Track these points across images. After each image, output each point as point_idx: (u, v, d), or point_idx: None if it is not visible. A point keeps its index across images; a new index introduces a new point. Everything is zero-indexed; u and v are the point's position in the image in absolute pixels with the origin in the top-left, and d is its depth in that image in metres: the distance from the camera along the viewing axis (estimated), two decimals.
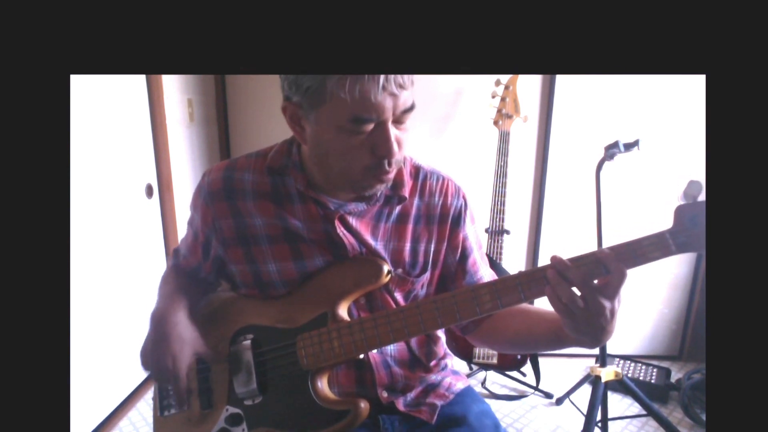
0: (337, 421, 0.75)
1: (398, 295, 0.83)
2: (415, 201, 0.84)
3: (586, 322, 0.65)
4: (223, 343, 0.83)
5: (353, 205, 0.80)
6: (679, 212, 0.65)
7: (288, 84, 0.70)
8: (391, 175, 0.74)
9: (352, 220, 0.80)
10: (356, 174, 0.72)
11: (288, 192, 0.81)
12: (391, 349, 0.85)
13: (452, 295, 0.72)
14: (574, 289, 0.64)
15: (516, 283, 0.69)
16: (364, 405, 0.75)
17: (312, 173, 0.79)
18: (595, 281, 0.65)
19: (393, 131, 0.69)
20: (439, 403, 0.87)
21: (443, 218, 0.85)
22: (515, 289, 0.69)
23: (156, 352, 0.77)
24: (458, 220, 0.86)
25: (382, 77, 0.64)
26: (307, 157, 0.79)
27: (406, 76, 0.67)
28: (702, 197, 0.63)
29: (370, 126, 0.67)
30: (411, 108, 0.70)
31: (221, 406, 0.81)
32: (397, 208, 0.83)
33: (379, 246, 0.81)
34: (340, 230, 0.79)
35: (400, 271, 0.83)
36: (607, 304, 0.63)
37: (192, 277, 0.91)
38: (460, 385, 0.92)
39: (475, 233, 0.89)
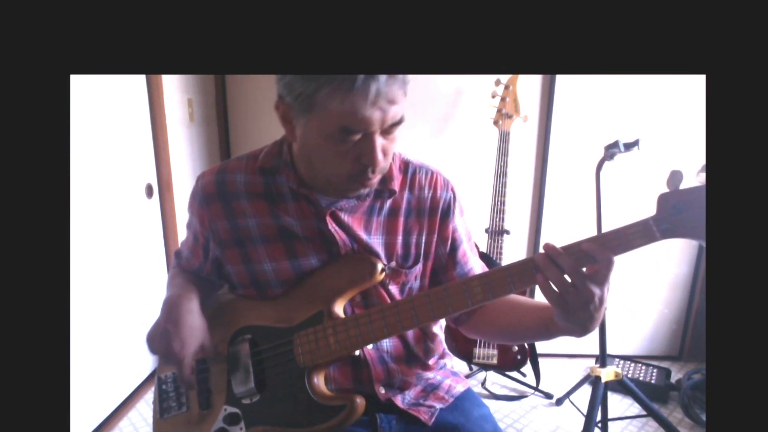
0: (333, 416, 0.75)
1: (393, 289, 0.84)
2: (405, 194, 0.85)
3: (576, 310, 0.66)
4: (223, 344, 0.84)
5: (344, 201, 0.81)
6: (662, 200, 0.66)
7: (282, 85, 0.71)
8: (375, 181, 0.76)
9: (344, 216, 0.81)
10: (340, 179, 0.74)
11: (280, 191, 0.82)
12: (386, 344, 0.86)
13: (444, 288, 0.74)
14: (566, 277, 0.66)
15: (506, 274, 0.71)
16: (360, 400, 0.76)
17: (304, 171, 0.81)
18: (584, 269, 0.66)
19: (379, 141, 0.70)
20: (438, 405, 0.87)
21: (433, 211, 0.86)
22: (505, 280, 0.70)
23: (166, 336, 0.78)
24: (447, 212, 0.87)
25: (372, 92, 0.64)
26: (297, 156, 0.81)
27: (398, 91, 0.67)
28: (683, 185, 0.65)
29: (357, 136, 0.69)
30: (400, 122, 0.71)
31: (219, 406, 0.81)
32: (388, 202, 0.84)
33: (372, 240, 0.82)
34: (332, 226, 0.80)
35: (393, 264, 0.84)
36: (596, 290, 0.65)
37: (197, 275, 0.92)
38: (460, 388, 0.93)
39: (464, 225, 0.91)
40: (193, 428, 0.83)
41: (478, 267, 0.92)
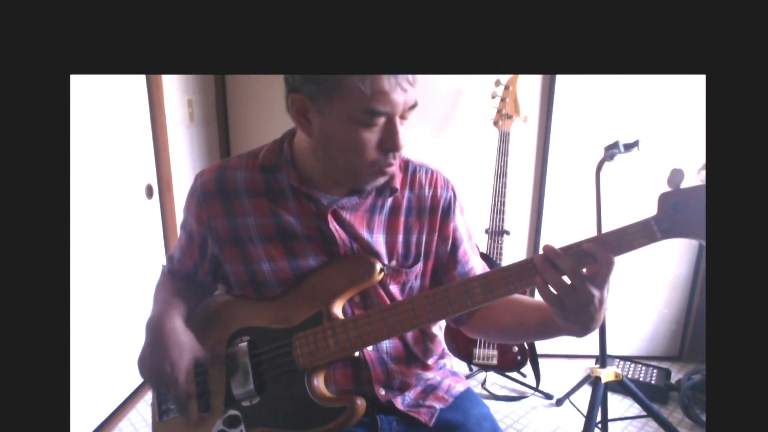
0: (334, 418, 0.75)
1: (393, 288, 0.84)
2: (406, 193, 0.86)
3: (575, 311, 0.66)
4: (220, 345, 0.83)
5: (346, 200, 0.81)
6: (663, 199, 0.66)
7: (302, 76, 0.71)
8: (394, 168, 0.77)
9: (346, 215, 0.81)
10: (362, 167, 0.74)
11: (281, 188, 0.82)
12: (386, 345, 0.86)
13: (444, 289, 0.74)
14: (565, 278, 0.66)
15: (506, 275, 0.70)
16: (360, 402, 0.76)
17: (306, 169, 0.80)
18: (584, 270, 0.66)
19: (399, 126, 0.71)
20: (438, 405, 0.87)
21: (433, 210, 0.87)
22: (505, 280, 0.70)
23: (154, 360, 0.77)
24: (448, 211, 0.88)
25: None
26: (301, 153, 0.80)
27: (411, 75, 0.70)
28: (684, 184, 0.65)
29: (382, 119, 0.70)
30: (414, 105, 0.73)
31: (219, 409, 0.81)
32: (389, 201, 0.84)
33: (374, 239, 0.82)
34: (332, 225, 0.80)
35: (394, 263, 0.84)
36: (596, 292, 0.64)
37: (188, 280, 0.92)
38: (459, 388, 0.93)
39: (464, 224, 0.91)
40: (192, 430, 0.82)
41: (479, 266, 0.92)
